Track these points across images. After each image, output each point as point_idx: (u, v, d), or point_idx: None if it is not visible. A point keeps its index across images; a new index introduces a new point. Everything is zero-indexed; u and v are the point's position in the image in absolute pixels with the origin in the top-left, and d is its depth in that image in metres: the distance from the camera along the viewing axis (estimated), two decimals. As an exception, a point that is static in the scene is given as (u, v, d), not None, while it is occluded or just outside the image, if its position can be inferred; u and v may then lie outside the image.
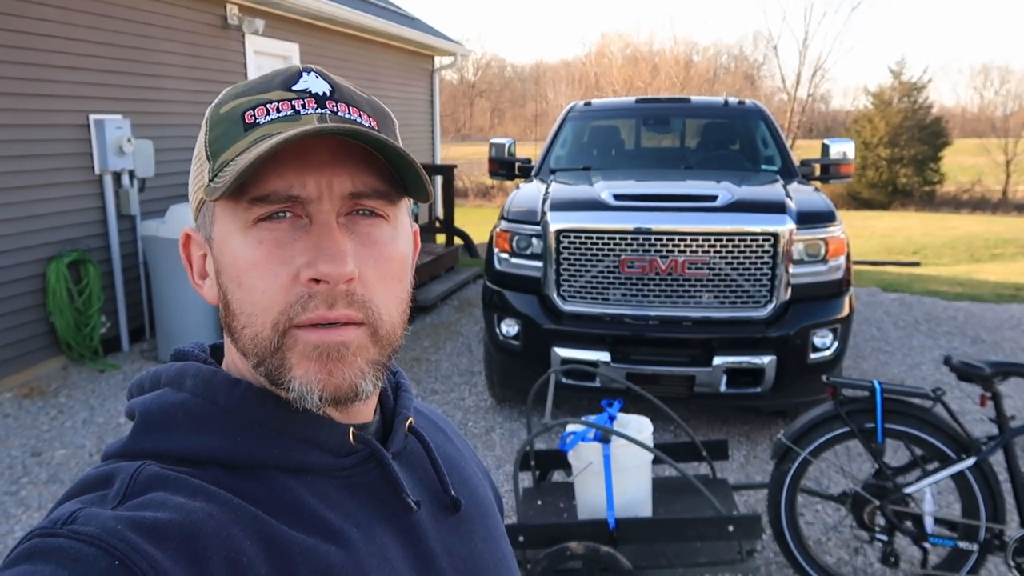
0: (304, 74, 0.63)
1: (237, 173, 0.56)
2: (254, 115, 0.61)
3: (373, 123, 0.64)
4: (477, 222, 12.92)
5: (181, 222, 5.32)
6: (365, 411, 0.68)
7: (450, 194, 9.55)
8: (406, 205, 0.67)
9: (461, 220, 10.10)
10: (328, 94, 0.62)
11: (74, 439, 4.30)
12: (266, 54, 7.63)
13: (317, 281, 0.58)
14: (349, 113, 0.62)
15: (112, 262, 5.75)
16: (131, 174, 5.81)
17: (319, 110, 0.61)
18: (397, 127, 0.68)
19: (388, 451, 0.68)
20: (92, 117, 5.49)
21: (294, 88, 0.62)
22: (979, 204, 27.78)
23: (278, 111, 0.60)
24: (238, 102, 0.62)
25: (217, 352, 0.72)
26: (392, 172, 0.62)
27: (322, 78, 0.63)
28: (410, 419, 0.72)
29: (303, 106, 0.61)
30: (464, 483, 0.76)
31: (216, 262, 0.63)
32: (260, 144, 0.58)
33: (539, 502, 2.91)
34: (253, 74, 7.25)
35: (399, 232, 0.64)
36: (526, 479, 3.50)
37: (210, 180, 0.61)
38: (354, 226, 0.61)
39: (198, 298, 5.41)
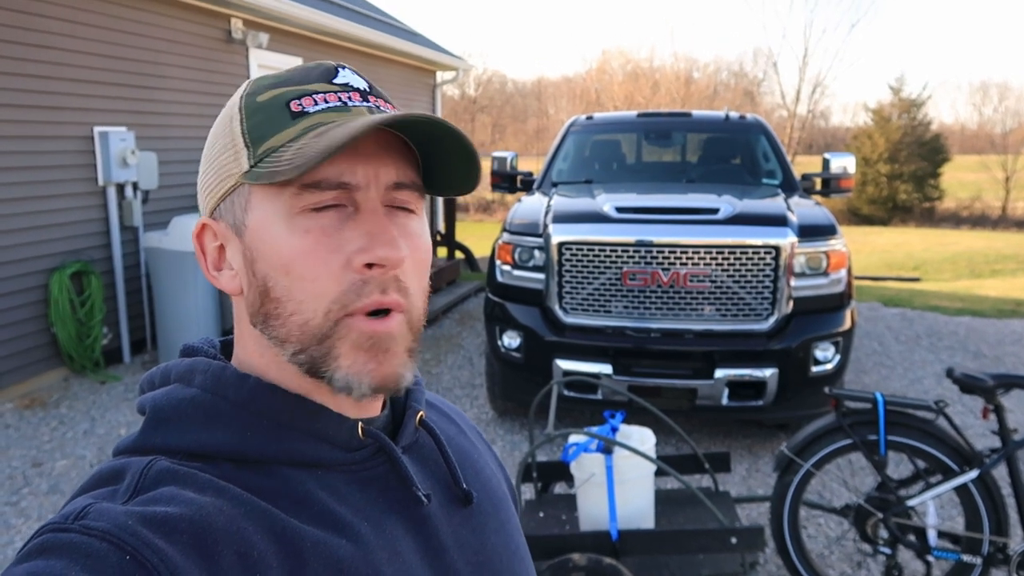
0: (341, 70, 0.65)
1: (315, 155, 0.56)
2: (301, 104, 0.62)
3: None
4: (478, 236, 12.96)
5: (184, 234, 5.33)
6: (374, 405, 0.68)
7: (451, 208, 9.59)
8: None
9: (462, 234, 10.13)
10: (368, 90, 0.65)
11: (75, 450, 4.30)
12: (270, 68, 7.67)
13: (370, 266, 0.60)
14: (387, 108, 0.65)
15: (114, 273, 5.76)
16: (135, 186, 5.84)
17: (365, 103, 0.63)
18: None
19: (398, 445, 0.68)
20: (96, 129, 5.51)
21: (335, 82, 0.64)
22: (979, 220, 27.85)
23: (326, 101, 0.62)
24: (278, 91, 0.63)
25: (226, 348, 0.72)
26: (420, 167, 0.65)
27: (357, 75, 0.65)
28: (421, 412, 0.72)
29: (349, 98, 0.63)
30: (476, 475, 0.76)
31: (252, 250, 0.62)
32: (329, 130, 0.58)
33: (541, 514, 2.90)
34: (257, 87, 7.28)
35: (424, 226, 0.67)
36: (528, 491, 3.49)
37: (253, 165, 0.61)
38: (393, 217, 0.63)
39: (200, 309, 5.42)
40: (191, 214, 5.76)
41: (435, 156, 0.64)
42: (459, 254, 9.69)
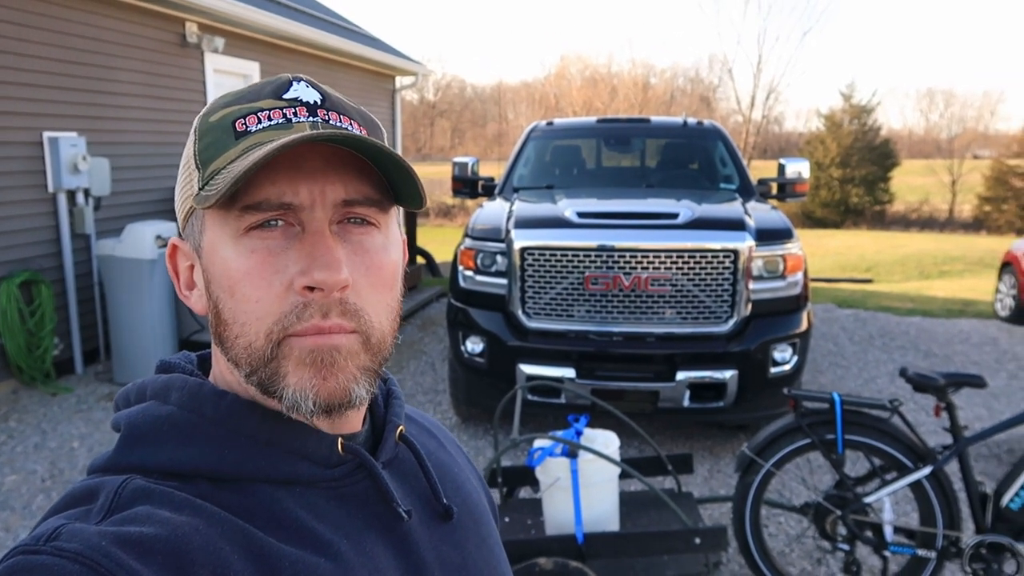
0: (294, 83, 0.63)
1: (231, 181, 0.55)
2: (245, 123, 0.60)
3: (363, 131, 0.63)
4: (439, 242, 12.92)
5: (138, 241, 5.22)
6: (354, 420, 0.67)
7: (412, 213, 9.54)
8: (396, 213, 0.67)
9: (423, 240, 10.09)
10: (319, 102, 0.62)
11: (25, 464, 4.17)
12: (226, 72, 7.56)
13: (311, 289, 0.58)
14: (340, 122, 0.62)
15: (65, 282, 5.61)
16: (86, 192, 5.69)
17: (311, 118, 0.61)
18: (386, 136, 0.68)
19: (378, 460, 0.67)
20: (46, 134, 5.37)
21: (285, 97, 0.62)
22: (927, 223, 28.71)
23: (269, 119, 0.60)
24: (228, 111, 0.61)
25: (204, 363, 0.71)
26: (383, 180, 0.62)
27: (312, 87, 0.63)
28: (401, 427, 0.71)
29: (294, 114, 0.61)
30: (457, 490, 0.75)
31: (206, 272, 0.62)
32: (253, 151, 0.57)
33: (506, 519, 2.90)
34: (212, 92, 7.18)
35: (390, 240, 0.64)
36: (493, 496, 3.49)
37: (200, 188, 0.60)
38: (346, 234, 0.61)
39: (156, 319, 5.31)
40: (145, 221, 5.64)
41: (390, 171, 0.61)
42: (420, 260, 9.65)
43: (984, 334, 7.31)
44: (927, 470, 2.71)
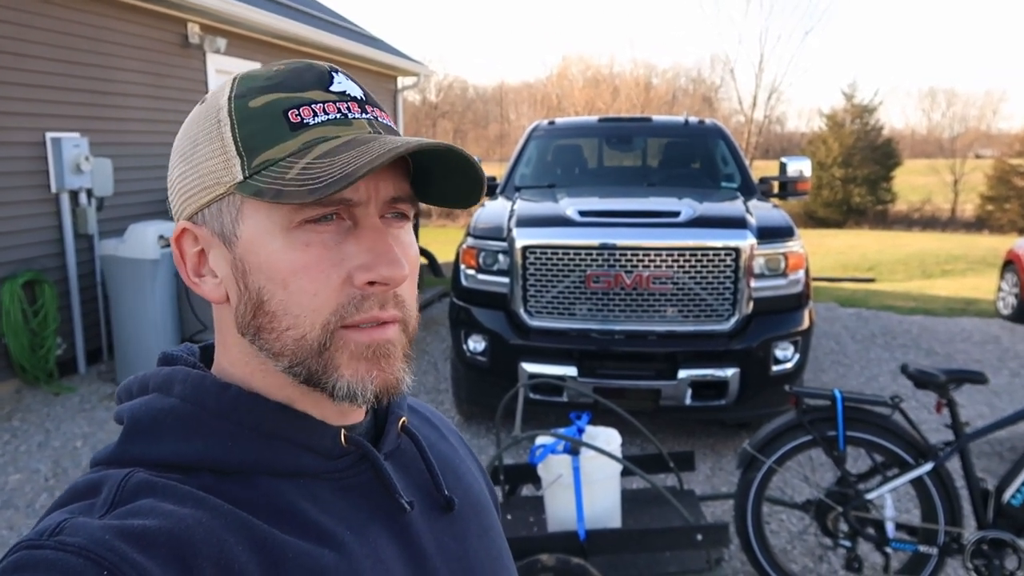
0: (335, 75, 0.63)
1: (339, 179, 0.55)
2: (299, 115, 0.59)
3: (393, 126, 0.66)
4: (441, 242, 12.91)
5: (140, 241, 5.23)
6: (357, 411, 0.68)
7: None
8: None
9: (425, 240, 10.11)
10: (365, 98, 0.63)
11: (29, 463, 4.18)
12: (228, 73, 7.57)
13: (372, 283, 0.60)
14: (382, 118, 0.64)
15: (69, 282, 5.63)
16: (89, 193, 5.71)
17: (364, 115, 0.62)
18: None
19: (381, 451, 0.68)
20: (49, 135, 5.39)
21: (332, 89, 0.62)
22: (929, 222, 28.70)
23: (325, 112, 0.60)
24: (273, 97, 0.60)
25: (205, 353, 0.71)
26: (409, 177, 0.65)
27: (351, 80, 0.64)
28: (403, 418, 0.72)
29: (348, 109, 0.61)
30: (458, 481, 0.75)
31: (243, 262, 0.61)
32: (336, 148, 0.58)
33: (508, 516, 2.91)
34: (215, 93, 7.18)
35: (413, 233, 0.67)
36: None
37: (247, 176, 0.59)
38: (388, 228, 0.63)
39: (158, 318, 5.32)
40: (148, 221, 5.65)
41: (434, 171, 0.63)
42: (422, 259, 9.67)
43: (986, 332, 7.31)
44: (928, 466, 2.71)
